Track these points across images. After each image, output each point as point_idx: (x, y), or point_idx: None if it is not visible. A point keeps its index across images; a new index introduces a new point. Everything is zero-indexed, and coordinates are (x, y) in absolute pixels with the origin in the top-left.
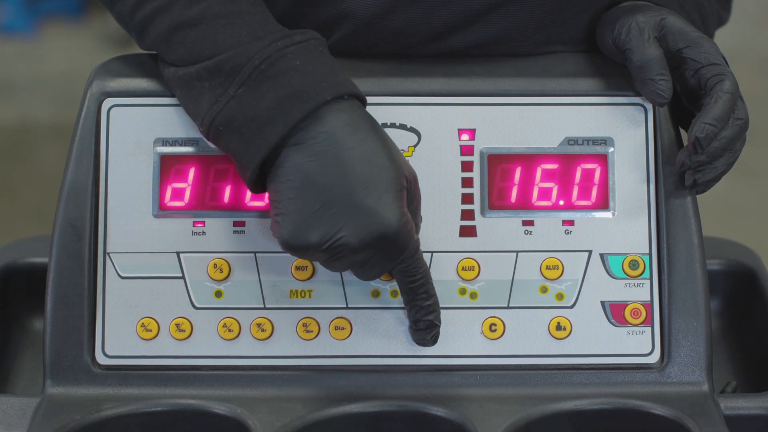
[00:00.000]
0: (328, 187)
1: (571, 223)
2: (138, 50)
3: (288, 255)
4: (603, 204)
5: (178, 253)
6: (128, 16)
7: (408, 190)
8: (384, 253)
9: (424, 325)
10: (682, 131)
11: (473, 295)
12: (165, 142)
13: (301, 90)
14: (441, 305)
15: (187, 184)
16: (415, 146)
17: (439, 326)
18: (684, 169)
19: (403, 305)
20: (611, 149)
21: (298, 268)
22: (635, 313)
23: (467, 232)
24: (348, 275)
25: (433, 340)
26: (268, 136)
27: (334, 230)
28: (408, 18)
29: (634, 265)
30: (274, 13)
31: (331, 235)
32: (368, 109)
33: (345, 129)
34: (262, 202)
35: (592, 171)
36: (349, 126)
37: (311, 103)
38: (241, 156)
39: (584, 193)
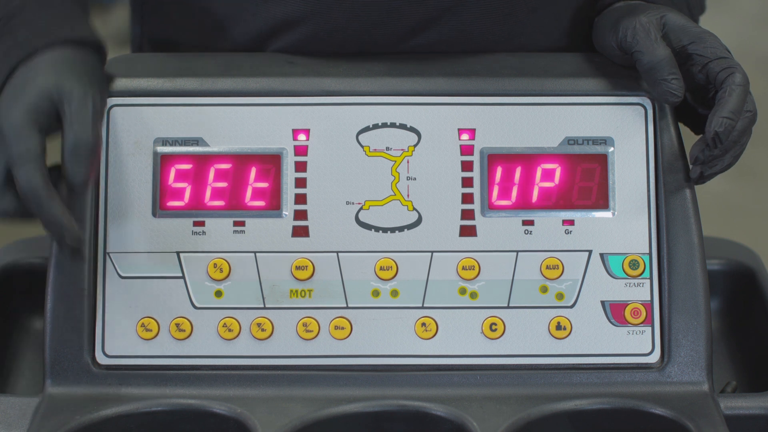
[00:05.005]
0: None
1: (571, 222)
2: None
3: (288, 255)
4: (603, 204)
5: (178, 253)
6: None
7: (62, 105)
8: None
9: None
10: (682, 128)
11: (473, 295)
12: (165, 142)
13: (23, 40)
14: (441, 305)
15: (187, 184)
16: (415, 146)
17: (70, 245)
18: (697, 164)
19: (403, 305)
20: (611, 149)
21: (298, 268)
22: (635, 312)
23: (467, 231)
24: (348, 275)
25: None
26: None
27: None
28: (373, 16)
29: (634, 264)
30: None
31: None
32: (368, 108)
33: (39, 66)
34: (262, 202)
35: (592, 171)
36: (42, 64)
37: (24, 50)
38: None
39: (584, 192)
